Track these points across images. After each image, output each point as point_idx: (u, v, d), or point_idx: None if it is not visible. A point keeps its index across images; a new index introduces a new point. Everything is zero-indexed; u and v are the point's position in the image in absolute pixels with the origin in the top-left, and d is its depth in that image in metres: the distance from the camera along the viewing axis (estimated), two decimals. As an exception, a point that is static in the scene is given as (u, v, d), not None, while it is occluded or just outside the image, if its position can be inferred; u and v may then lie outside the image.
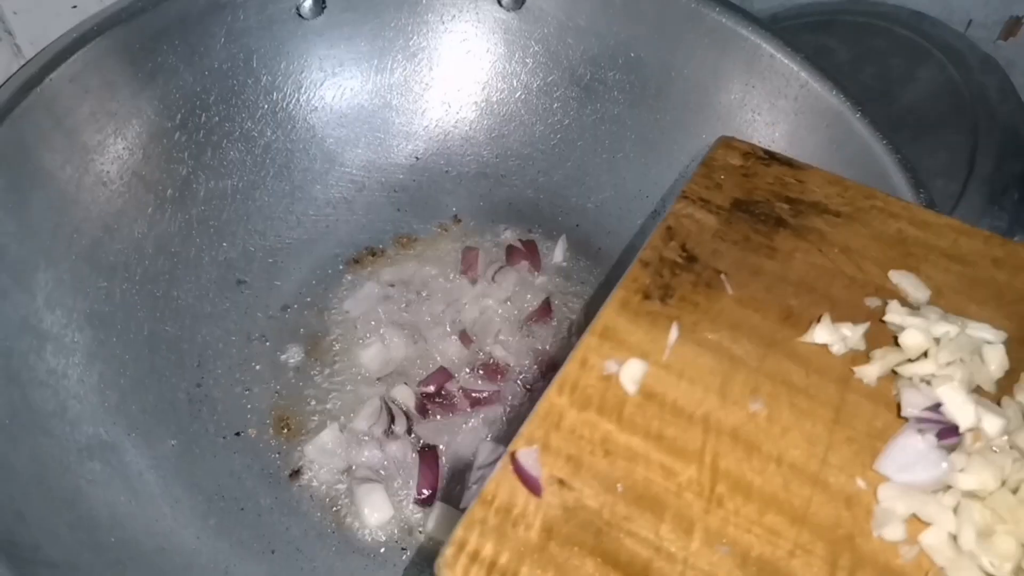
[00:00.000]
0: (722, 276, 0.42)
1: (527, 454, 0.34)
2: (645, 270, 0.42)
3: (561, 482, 0.34)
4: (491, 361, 0.60)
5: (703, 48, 0.66)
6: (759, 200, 0.46)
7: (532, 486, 0.33)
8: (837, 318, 0.40)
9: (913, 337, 0.39)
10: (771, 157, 0.49)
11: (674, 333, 0.39)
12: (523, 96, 0.72)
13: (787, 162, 0.49)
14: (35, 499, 0.44)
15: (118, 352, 0.54)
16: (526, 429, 0.35)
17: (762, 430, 0.36)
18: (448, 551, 0.32)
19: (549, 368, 0.60)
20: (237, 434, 0.55)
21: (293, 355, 0.59)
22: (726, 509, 0.34)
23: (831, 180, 0.48)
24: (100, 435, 0.50)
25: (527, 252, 0.66)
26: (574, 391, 0.37)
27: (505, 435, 0.56)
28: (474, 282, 0.64)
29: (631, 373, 0.38)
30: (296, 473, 0.54)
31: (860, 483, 0.35)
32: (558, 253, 0.67)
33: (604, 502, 0.34)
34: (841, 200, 0.47)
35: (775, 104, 0.64)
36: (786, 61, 0.62)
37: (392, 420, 0.55)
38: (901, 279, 0.43)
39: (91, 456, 0.49)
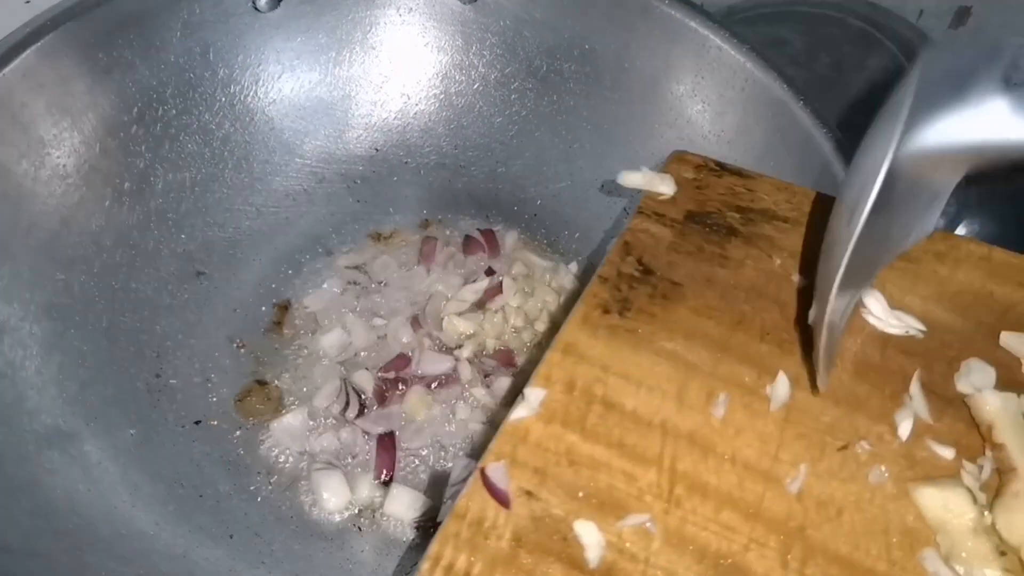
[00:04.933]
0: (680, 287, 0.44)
1: (496, 469, 0.36)
2: (604, 285, 0.43)
3: (528, 493, 0.35)
4: (447, 347, 0.61)
5: (655, 40, 0.67)
6: (711, 211, 0.47)
7: (501, 499, 0.35)
8: (786, 319, 0.42)
9: None
10: (722, 168, 0.50)
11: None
12: (481, 88, 0.73)
13: (737, 172, 0.50)
14: (-7, 488, 0.45)
15: (76, 344, 0.55)
16: (495, 445, 0.37)
17: (717, 432, 0.38)
18: (424, 566, 0.33)
19: (502, 354, 0.61)
20: (196, 423, 0.56)
21: (253, 345, 0.60)
22: (684, 509, 0.35)
23: (779, 187, 0.49)
24: (59, 425, 0.51)
25: (485, 241, 0.68)
26: (540, 406, 0.38)
27: (461, 424, 0.58)
28: (432, 271, 0.65)
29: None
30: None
31: (810, 477, 0.37)
32: (508, 243, 0.68)
33: (569, 509, 0.35)
34: (789, 206, 0.48)
35: (724, 95, 0.65)
36: (733, 53, 0.63)
37: (348, 403, 0.57)
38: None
39: (50, 445, 0.50)
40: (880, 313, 0.42)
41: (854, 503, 0.36)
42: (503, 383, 0.60)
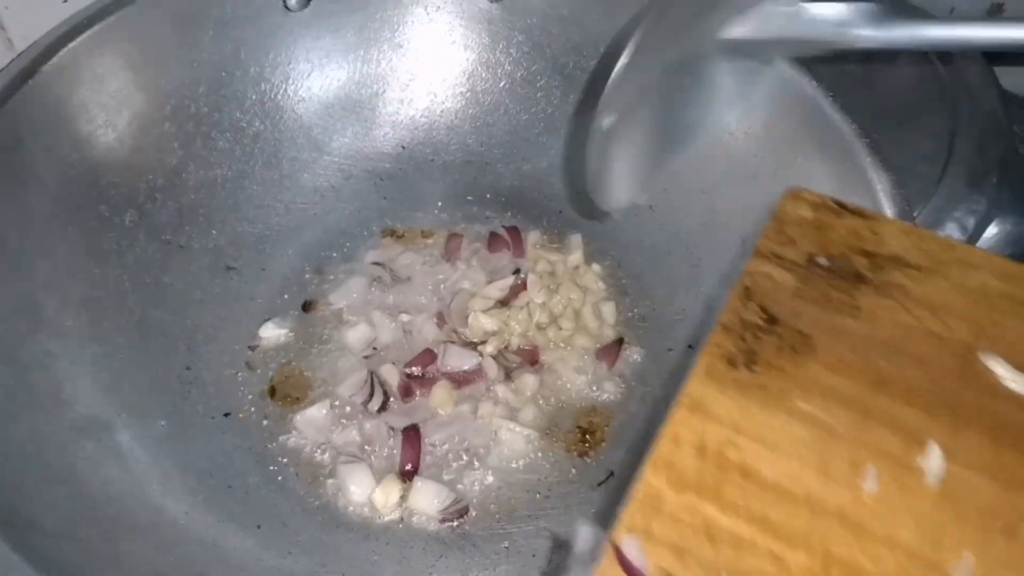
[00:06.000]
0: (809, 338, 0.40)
1: (630, 544, 0.33)
2: (727, 335, 0.40)
3: (669, 575, 0.32)
4: (471, 342, 0.62)
5: (682, 37, 0.67)
6: (836, 255, 0.44)
7: None
8: (930, 380, 0.39)
9: None
10: (842, 207, 0.46)
11: None
12: (507, 86, 0.74)
13: (858, 212, 0.46)
14: (32, 475, 0.46)
15: (111, 336, 0.56)
16: (626, 516, 0.34)
17: (869, 509, 0.35)
18: None
19: (526, 351, 0.62)
20: (226, 415, 0.57)
21: (281, 338, 0.61)
22: None
23: (906, 230, 0.45)
24: (93, 415, 0.52)
25: (510, 238, 0.68)
26: (670, 471, 0.35)
27: (485, 421, 0.58)
28: (457, 268, 0.66)
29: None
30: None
31: (978, 566, 0.33)
32: (533, 240, 0.69)
33: None
34: (919, 252, 0.44)
35: (751, 91, 0.65)
36: (761, 49, 0.63)
37: (372, 395, 0.57)
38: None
39: (85, 435, 0.51)
40: (1006, 375, 0.39)
41: None
42: (527, 380, 0.60)
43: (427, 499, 0.54)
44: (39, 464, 0.47)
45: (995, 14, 0.88)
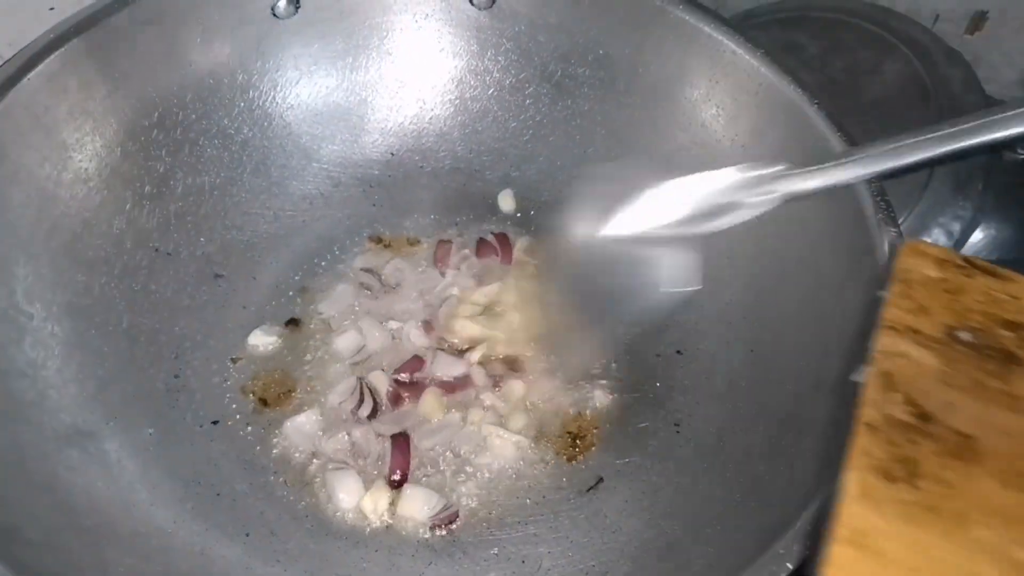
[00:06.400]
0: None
1: None
2: (875, 437, 0.33)
3: None
4: (459, 349, 0.62)
5: (669, 45, 0.67)
6: (976, 327, 0.37)
7: None
8: None
9: None
10: (970, 265, 0.40)
11: None
12: (496, 93, 0.74)
13: (991, 271, 0.40)
14: (14, 484, 0.46)
15: (97, 344, 0.55)
16: None
17: None
18: None
19: (513, 358, 0.62)
20: (214, 423, 0.57)
21: (269, 347, 0.61)
22: None
23: None
24: (78, 424, 0.52)
25: (498, 245, 0.68)
26: None
27: (473, 427, 0.58)
28: (446, 275, 0.66)
29: None
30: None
31: None
32: (521, 247, 0.69)
33: None
34: None
35: (738, 99, 0.65)
36: (747, 57, 0.63)
37: (361, 402, 0.57)
38: None
39: (70, 444, 0.50)
40: None
41: None
42: (513, 387, 0.60)
43: (416, 506, 0.54)
44: (22, 474, 0.47)
45: (979, 23, 0.89)
